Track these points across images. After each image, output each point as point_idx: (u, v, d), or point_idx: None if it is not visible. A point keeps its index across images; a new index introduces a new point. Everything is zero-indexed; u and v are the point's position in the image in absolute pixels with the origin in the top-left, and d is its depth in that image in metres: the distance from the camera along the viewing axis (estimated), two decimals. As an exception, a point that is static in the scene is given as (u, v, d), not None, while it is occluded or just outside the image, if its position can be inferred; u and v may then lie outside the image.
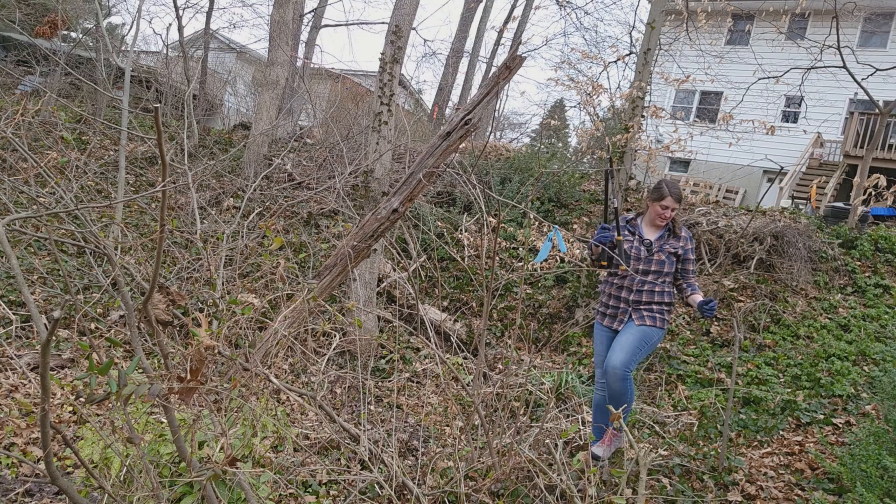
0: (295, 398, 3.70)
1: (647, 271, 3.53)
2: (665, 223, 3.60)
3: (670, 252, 3.60)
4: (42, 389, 1.52)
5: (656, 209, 3.56)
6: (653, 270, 3.53)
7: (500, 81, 4.14)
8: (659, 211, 3.55)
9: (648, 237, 3.61)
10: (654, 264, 3.54)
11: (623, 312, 3.58)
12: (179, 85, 11.65)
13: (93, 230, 2.75)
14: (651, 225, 3.64)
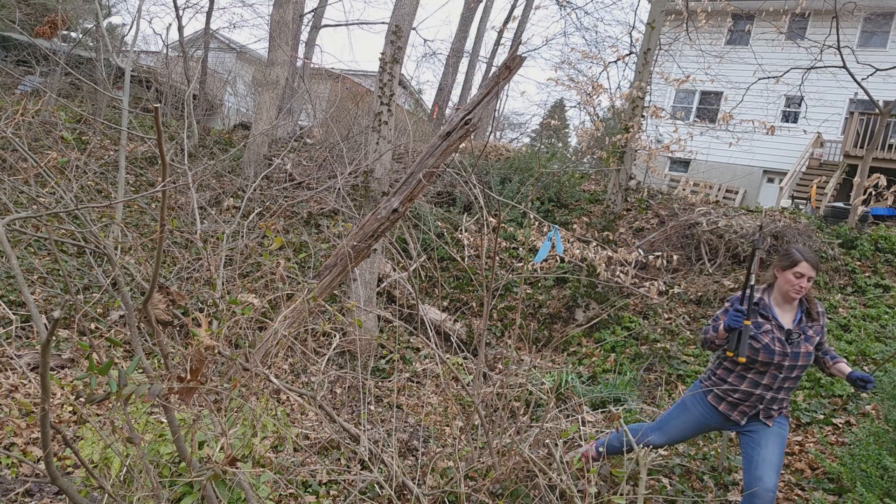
0: (295, 398, 3.70)
1: (793, 367, 2.88)
2: (798, 296, 2.91)
3: (812, 338, 2.94)
4: (42, 389, 1.52)
5: (788, 279, 2.90)
6: (799, 365, 2.89)
7: (500, 81, 4.14)
8: (792, 281, 2.89)
9: (783, 322, 2.94)
10: (801, 359, 2.88)
11: (753, 409, 2.96)
12: (179, 85, 11.66)
13: (93, 230, 2.75)
14: (783, 302, 2.97)
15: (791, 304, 2.95)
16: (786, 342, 2.85)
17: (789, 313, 2.95)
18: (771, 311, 2.94)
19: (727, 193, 15.82)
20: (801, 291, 2.87)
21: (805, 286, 2.88)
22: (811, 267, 2.88)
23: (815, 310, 3.00)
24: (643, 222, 8.83)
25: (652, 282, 6.48)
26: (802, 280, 2.86)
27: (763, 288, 3.04)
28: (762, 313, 2.94)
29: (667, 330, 6.39)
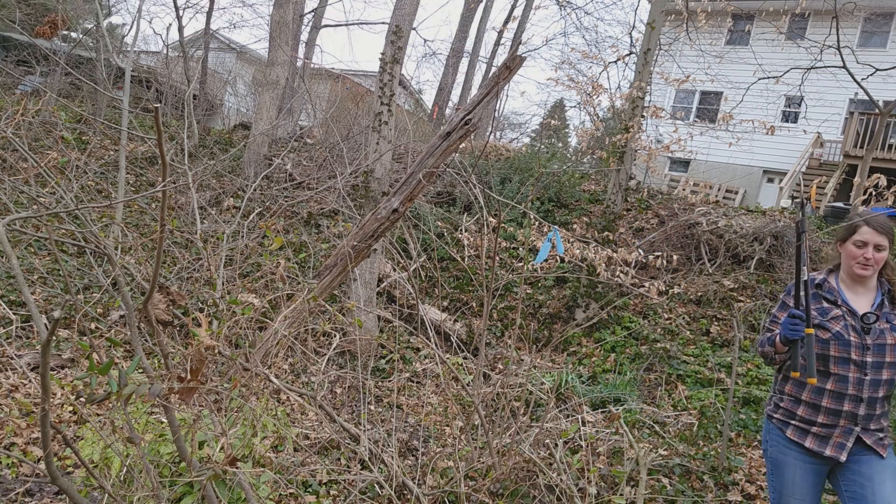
0: (295, 398, 3.70)
1: (880, 364, 2.23)
2: (867, 272, 2.30)
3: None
4: (42, 389, 1.52)
5: (851, 251, 2.33)
6: (889, 363, 2.24)
7: (500, 81, 4.14)
8: (855, 253, 2.31)
9: (857, 307, 2.32)
10: (889, 353, 2.24)
11: (846, 433, 2.25)
12: (179, 85, 11.66)
13: (93, 230, 2.76)
14: (854, 283, 2.36)
15: (865, 285, 2.33)
16: (862, 331, 2.24)
17: (864, 297, 2.33)
18: (840, 295, 2.33)
19: (727, 193, 15.83)
20: (869, 265, 2.27)
21: (874, 257, 2.27)
22: (877, 232, 2.27)
23: None
24: (643, 222, 8.84)
25: (652, 282, 6.48)
26: (867, 249, 2.27)
27: (829, 269, 2.45)
28: (827, 297, 2.34)
29: (667, 330, 6.40)
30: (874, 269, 2.29)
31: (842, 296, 2.33)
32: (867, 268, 2.27)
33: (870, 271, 2.28)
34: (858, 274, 2.29)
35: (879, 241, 2.27)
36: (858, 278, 2.31)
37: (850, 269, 2.31)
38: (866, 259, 2.27)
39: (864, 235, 2.27)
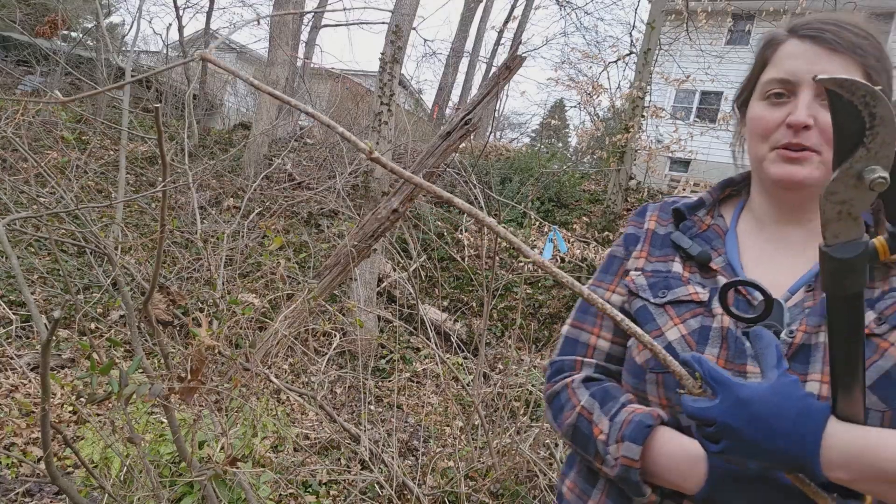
0: (295, 398, 3.70)
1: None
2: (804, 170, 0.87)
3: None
4: (42, 389, 1.52)
5: (757, 118, 0.92)
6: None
7: (500, 81, 4.14)
8: (764, 119, 0.91)
9: (769, 279, 0.87)
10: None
11: None
12: (179, 85, 11.66)
13: (93, 230, 2.76)
14: (773, 214, 0.95)
15: (799, 218, 0.93)
16: (744, 342, 0.85)
17: (794, 255, 0.92)
18: (727, 248, 0.96)
19: (727, 193, 15.84)
20: (808, 148, 0.86)
21: (820, 127, 0.86)
22: (825, 49, 0.88)
23: None
24: (643, 222, 8.83)
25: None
26: (797, 105, 0.87)
27: (722, 185, 1.06)
28: (688, 250, 0.96)
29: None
30: (822, 166, 0.87)
31: (729, 248, 0.96)
32: (800, 159, 0.87)
33: (807, 168, 0.87)
34: (781, 179, 0.89)
35: (831, 70, 0.87)
36: (785, 198, 0.93)
37: (763, 173, 0.93)
38: (796, 131, 0.87)
39: (790, 63, 0.90)
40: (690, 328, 0.88)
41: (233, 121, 14.10)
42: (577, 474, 1.01)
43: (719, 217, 1.01)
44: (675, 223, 1.01)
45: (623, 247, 1.05)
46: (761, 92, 0.93)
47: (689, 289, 0.91)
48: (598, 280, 1.05)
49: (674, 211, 1.01)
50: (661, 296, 0.92)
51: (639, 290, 0.95)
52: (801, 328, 0.83)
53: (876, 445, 0.70)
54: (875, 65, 0.90)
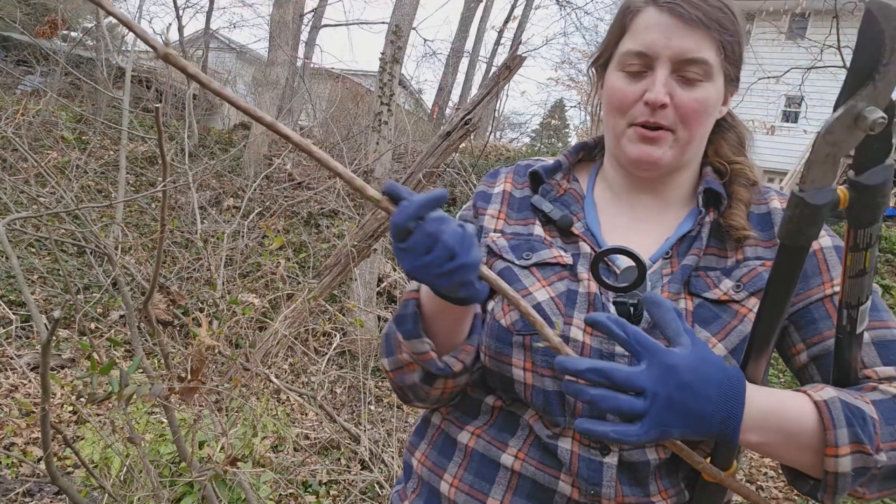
0: (295, 398, 3.70)
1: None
2: (658, 149, 0.86)
3: (728, 305, 0.83)
4: (42, 389, 1.52)
5: (613, 90, 0.89)
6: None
7: (500, 81, 4.14)
8: (620, 93, 0.88)
9: (625, 241, 0.90)
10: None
11: None
12: (179, 85, 11.66)
13: (93, 230, 2.76)
14: (626, 184, 0.95)
15: (654, 188, 0.93)
16: (606, 307, 0.84)
17: (652, 224, 0.93)
18: (586, 213, 0.94)
19: (727, 193, 15.85)
20: (662, 126, 0.85)
21: (678, 102, 0.84)
22: (683, 23, 0.84)
23: (760, 212, 0.91)
24: (643, 222, 8.84)
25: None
26: (654, 80, 0.84)
27: (577, 148, 1.03)
28: (548, 213, 0.93)
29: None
30: (676, 144, 0.87)
31: (588, 214, 0.95)
32: (656, 139, 0.86)
33: (662, 149, 0.87)
34: (638, 159, 0.88)
35: (688, 47, 0.84)
36: (638, 174, 0.92)
37: (619, 150, 0.91)
38: (653, 109, 0.85)
39: (647, 36, 0.86)
40: (558, 290, 0.86)
41: (233, 121, 14.11)
42: (428, 446, 0.97)
43: (575, 181, 0.99)
44: (533, 187, 0.98)
45: (471, 208, 1.01)
46: (619, 62, 0.90)
47: (553, 251, 0.90)
48: None
49: (531, 174, 0.98)
50: (525, 258, 0.90)
51: (501, 251, 0.92)
52: (663, 295, 0.83)
53: (780, 405, 0.72)
54: (731, 41, 0.89)
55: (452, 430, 0.94)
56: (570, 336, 0.83)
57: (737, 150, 0.96)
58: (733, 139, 0.98)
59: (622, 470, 0.82)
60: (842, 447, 0.69)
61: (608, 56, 0.94)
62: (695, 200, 0.93)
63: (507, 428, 0.89)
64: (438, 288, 0.72)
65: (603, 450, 0.83)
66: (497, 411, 0.91)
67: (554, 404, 0.85)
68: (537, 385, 0.85)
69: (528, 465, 0.85)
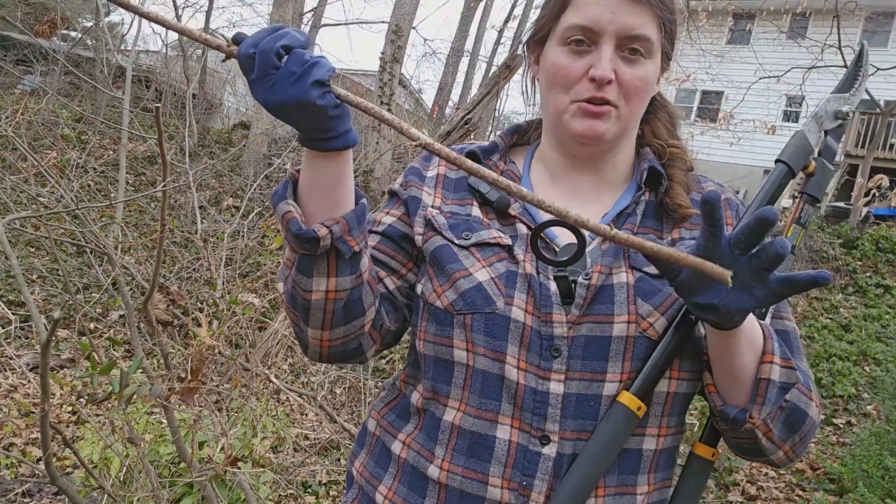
0: (295, 398, 3.69)
1: (591, 378, 0.82)
2: (601, 125, 0.85)
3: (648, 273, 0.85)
4: (42, 390, 1.51)
5: (554, 65, 0.87)
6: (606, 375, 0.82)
7: (501, 81, 4.13)
8: (563, 69, 0.86)
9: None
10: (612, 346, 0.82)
11: None
12: (179, 84, 11.65)
13: (93, 229, 2.75)
14: (563, 163, 0.94)
15: (595, 166, 0.93)
16: (557, 291, 0.83)
17: (590, 200, 0.93)
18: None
19: (727, 193, 15.84)
20: (608, 102, 0.84)
21: (622, 79, 0.84)
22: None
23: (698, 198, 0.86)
24: (643, 222, 8.84)
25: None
26: (599, 56, 0.83)
27: (512, 130, 1.03)
28: (486, 198, 0.91)
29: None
30: (618, 121, 0.87)
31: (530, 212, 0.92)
32: (601, 114, 0.85)
33: (606, 124, 0.86)
34: (582, 134, 0.86)
35: (633, 23, 0.83)
36: (580, 151, 0.91)
37: (561, 126, 0.89)
38: (600, 85, 0.84)
39: (592, 11, 0.84)
40: (498, 272, 0.85)
41: (232, 120, 14.10)
42: (367, 455, 0.96)
43: (511, 163, 0.99)
44: None
45: (402, 183, 0.99)
46: (561, 37, 0.87)
47: (492, 232, 0.88)
48: None
49: (468, 154, 0.95)
50: (465, 237, 0.88)
51: (441, 228, 0.90)
52: (595, 269, 0.84)
53: None
54: (670, 18, 0.88)
55: (387, 439, 0.93)
56: (510, 316, 0.83)
57: (671, 133, 0.98)
58: (665, 119, 0.99)
59: (561, 463, 0.81)
60: (776, 357, 0.79)
61: (547, 31, 0.92)
62: (632, 180, 0.96)
63: (433, 434, 0.87)
64: (298, 111, 0.73)
65: (543, 439, 0.81)
66: (422, 414, 0.89)
67: (493, 387, 0.83)
68: (478, 367, 0.84)
69: (453, 475, 0.83)
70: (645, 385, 0.81)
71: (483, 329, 0.83)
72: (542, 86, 0.92)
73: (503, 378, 0.82)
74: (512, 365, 0.82)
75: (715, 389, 0.82)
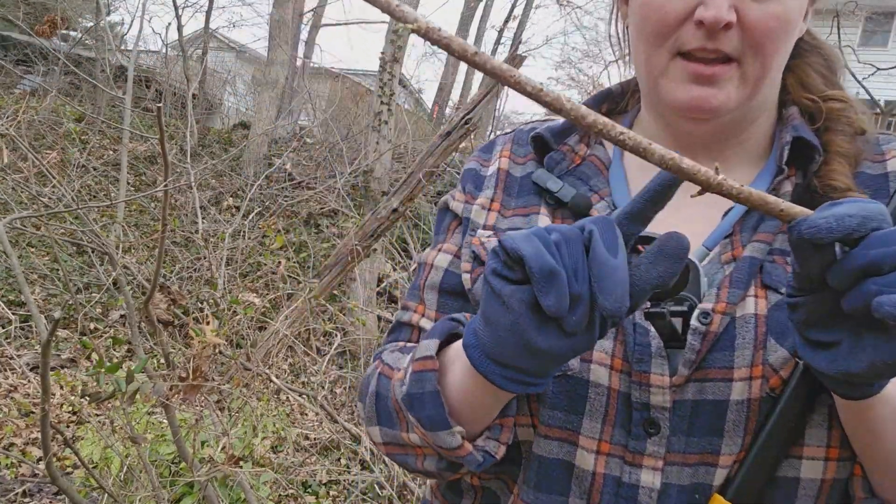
0: (296, 398, 3.70)
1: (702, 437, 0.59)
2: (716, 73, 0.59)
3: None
4: (42, 390, 1.51)
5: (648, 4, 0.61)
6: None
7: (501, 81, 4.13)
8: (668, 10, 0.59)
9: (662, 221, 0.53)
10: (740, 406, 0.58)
11: None
12: (178, 84, 11.66)
13: (94, 229, 2.75)
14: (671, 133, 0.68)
15: (710, 145, 0.67)
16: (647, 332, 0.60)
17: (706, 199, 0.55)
18: (612, 189, 0.68)
19: (727, 193, 15.87)
20: (722, 48, 0.58)
21: (744, 17, 0.57)
22: None
23: (875, 172, 0.64)
24: (643, 222, 8.84)
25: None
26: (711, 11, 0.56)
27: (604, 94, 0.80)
28: (557, 198, 0.67)
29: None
30: (744, 83, 0.61)
31: (616, 188, 0.69)
32: (715, 77, 0.60)
33: (725, 90, 0.61)
34: (687, 107, 0.62)
35: None
36: (689, 128, 0.67)
37: (658, 94, 0.65)
38: (711, 32, 0.58)
39: None
40: None
41: (232, 120, 14.10)
42: None
43: (598, 145, 0.71)
44: (539, 157, 0.70)
45: (459, 190, 0.75)
46: None
47: None
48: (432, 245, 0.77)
49: (533, 139, 0.70)
50: None
51: None
52: (718, 307, 0.57)
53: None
54: None
55: None
56: (589, 379, 0.59)
57: (829, 82, 0.67)
58: (820, 64, 0.67)
59: None
60: None
61: None
62: (769, 157, 0.66)
63: None
64: (563, 359, 0.48)
65: None
66: (479, 494, 0.69)
67: (556, 479, 0.61)
68: (536, 451, 0.62)
69: None
70: (751, 479, 0.54)
71: (549, 400, 0.60)
72: (632, 35, 0.67)
73: (572, 466, 0.60)
74: (587, 448, 0.59)
75: (862, 472, 0.56)
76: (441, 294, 0.71)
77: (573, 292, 0.44)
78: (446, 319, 0.61)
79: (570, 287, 0.44)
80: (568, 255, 0.45)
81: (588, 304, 0.44)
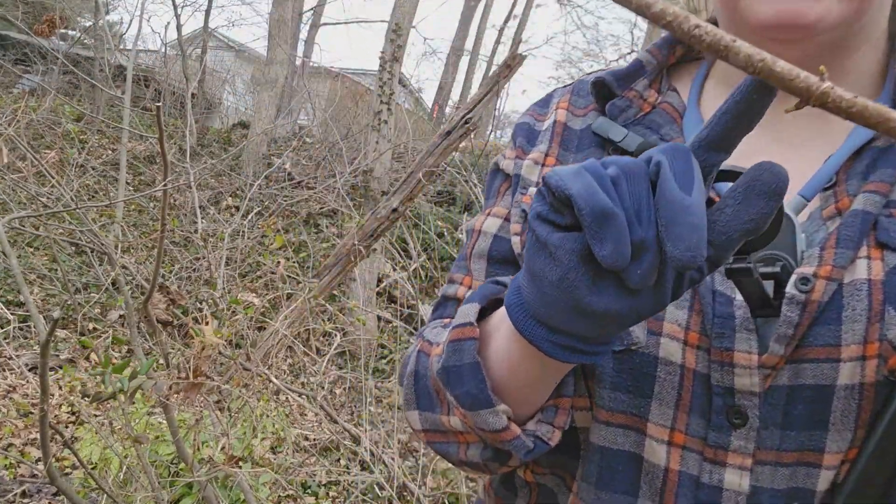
0: (295, 399, 3.69)
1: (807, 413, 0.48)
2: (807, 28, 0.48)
3: None
4: (41, 390, 1.51)
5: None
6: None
7: (501, 80, 4.13)
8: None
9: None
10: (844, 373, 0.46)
11: None
12: (177, 84, 11.65)
13: (93, 229, 2.74)
14: None
15: None
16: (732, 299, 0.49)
17: (801, 136, 0.55)
18: (686, 139, 0.59)
19: (727, 193, 15.88)
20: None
21: None
22: None
23: None
24: (643, 222, 8.84)
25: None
26: None
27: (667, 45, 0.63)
28: (622, 149, 0.59)
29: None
30: None
31: (690, 129, 0.61)
32: None
33: (819, 4, 0.48)
34: (777, 23, 0.50)
35: None
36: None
37: (739, 14, 0.53)
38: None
39: None
40: None
41: (231, 120, 14.10)
42: None
43: (671, 92, 0.62)
44: (600, 106, 0.61)
45: (510, 147, 0.67)
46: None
47: None
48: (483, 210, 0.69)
49: (594, 85, 0.61)
50: None
51: None
52: (822, 269, 0.47)
53: None
54: None
55: None
56: (658, 355, 0.49)
57: None
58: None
59: None
60: None
61: None
62: (879, 97, 0.54)
63: None
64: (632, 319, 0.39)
65: None
66: (534, 491, 0.60)
67: (623, 474, 0.52)
68: (597, 441, 0.52)
69: None
70: (867, 483, 0.44)
71: (610, 379, 0.51)
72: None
73: (640, 460, 0.51)
74: (658, 438, 0.50)
75: None
76: (490, 262, 0.64)
77: (635, 239, 0.35)
78: (489, 283, 0.53)
79: (632, 233, 0.35)
80: (629, 193, 0.36)
81: (655, 254, 0.36)
